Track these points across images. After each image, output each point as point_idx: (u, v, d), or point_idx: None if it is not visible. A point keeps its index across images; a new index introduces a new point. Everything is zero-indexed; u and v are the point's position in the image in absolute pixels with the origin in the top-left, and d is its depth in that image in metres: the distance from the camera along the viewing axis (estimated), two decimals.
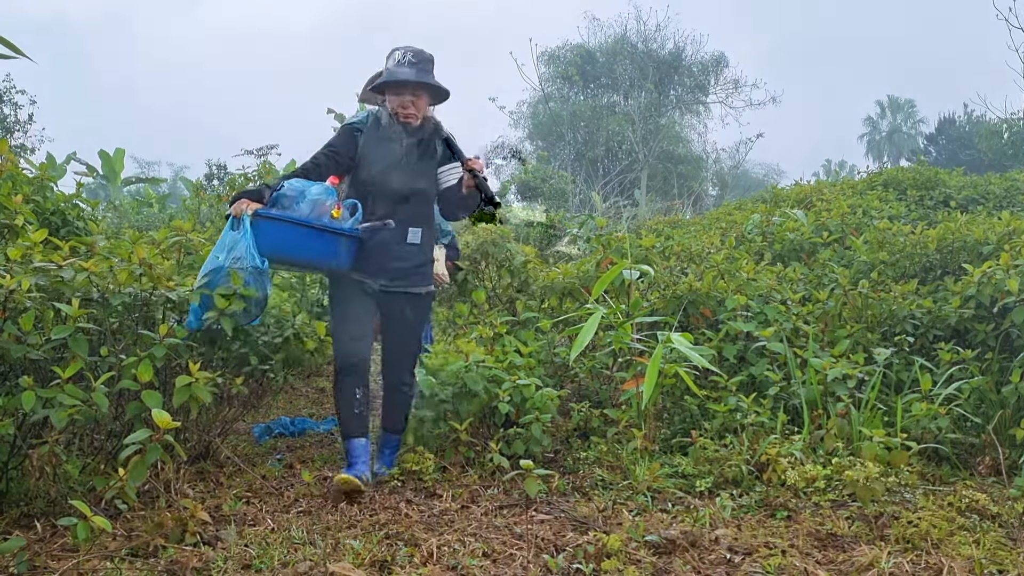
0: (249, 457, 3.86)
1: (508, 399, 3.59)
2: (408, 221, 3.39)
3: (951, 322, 4.36)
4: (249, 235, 3.07)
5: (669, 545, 2.61)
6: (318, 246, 3.17)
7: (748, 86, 29.08)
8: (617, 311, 4.24)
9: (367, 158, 3.42)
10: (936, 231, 5.46)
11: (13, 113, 18.48)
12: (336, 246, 3.20)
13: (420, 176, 3.45)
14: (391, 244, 3.35)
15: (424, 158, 3.46)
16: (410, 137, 3.43)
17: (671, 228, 10.06)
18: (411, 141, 3.43)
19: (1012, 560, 2.52)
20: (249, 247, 3.05)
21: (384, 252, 3.35)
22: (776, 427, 3.65)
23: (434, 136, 3.48)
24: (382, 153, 3.41)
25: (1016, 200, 8.79)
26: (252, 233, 3.08)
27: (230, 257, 3.04)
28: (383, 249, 3.35)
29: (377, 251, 3.34)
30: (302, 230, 3.13)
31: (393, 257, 3.37)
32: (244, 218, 3.10)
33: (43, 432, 2.87)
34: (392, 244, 3.36)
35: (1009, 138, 22.98)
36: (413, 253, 3.41)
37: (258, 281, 3.07)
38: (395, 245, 3.36)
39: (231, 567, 2.42)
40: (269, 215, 3.14)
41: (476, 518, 2.96)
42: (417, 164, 3.44)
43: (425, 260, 3.48)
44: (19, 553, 2.35)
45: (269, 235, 3.11)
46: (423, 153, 3.47)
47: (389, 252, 3.36)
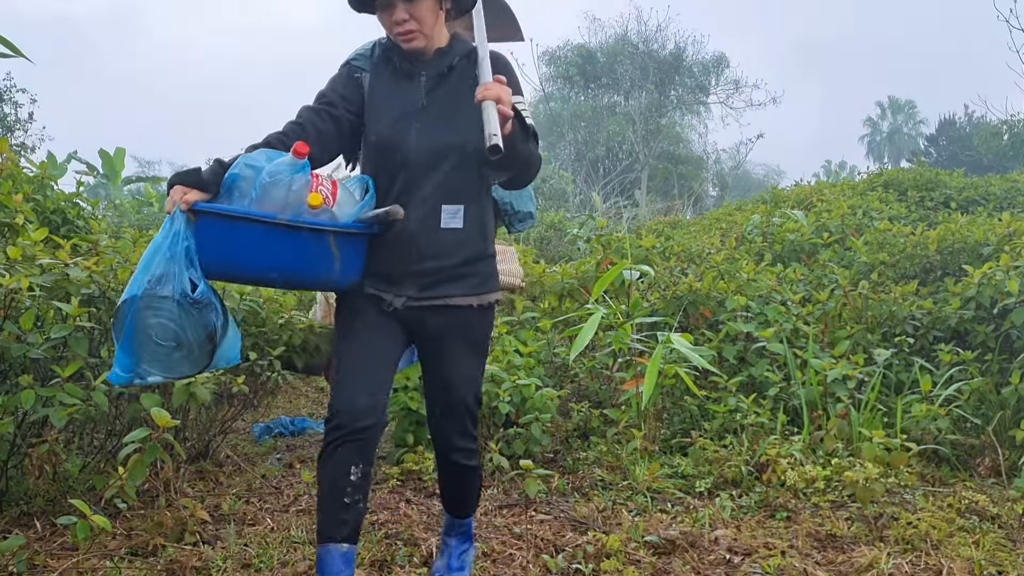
0: (249, 456, 3.86)
1: (508, 399, 3.59)
2: (441, 196, 2.14)
3: (951, 323, 4.36)
4: (180, 243, 1.92)
5: (668, 545, 2.61)
6: (294, 254, 2.02)
7: (749, 87, 29.09)
8: (617, 311, 4.24)
9: (375, 109, 2.23)
10: (936, 232, 5.47)
11: (13, 112, 18.48)
12: (323, 251, 2.04)
13: (452, 125, 2.17)
14: (418, 234, 2.13)
15: (455, 98, 2.20)
16: (429, 69, 2.21)
17: (671, 228, 10.07)
18: (432, 75, 2.20)
19: (1012, 561, 2.52)
20: (179, 262, 1.91)
21: (407, 248, 2.14)
22: (776, 428, 3.65)
23: (468, 63, 2.22)
24: (392, 100, 2.22)
25: (1016, 201, 8.79)
26: (191, 239, 1.94)
27: (147, 280, 1.90)
28: (406, 244, 2.14)
29: (396, 248, 2.14)
30: (264, 231, 1.97)
31: (422, 254, 2.14)
32: (177, 216, 1.91)
33: (43, 431, 2.87)
34: (419, 234, 2.13)
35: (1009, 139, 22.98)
36: (455, 244, 2.15)
37: (193, 319, 1.92)
38: (424, 235, 2.13)
39: (230, 566, 2.42)
40: (214, 210, 1.95)
41: (476, 518, 2.95)
42: (445, 108, 2.20)
43: (478, 253, 2.19)
44: (18, 552, 2.35)
45: (215, 242, 1.96)
46: (453, 91, 2.21)
47: (415, 247, 2.14)
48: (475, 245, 2.17)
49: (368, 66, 2.25)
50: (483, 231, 2.19)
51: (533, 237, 11.12)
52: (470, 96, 1.98)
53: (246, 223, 1.96)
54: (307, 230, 1.98)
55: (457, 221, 2.14)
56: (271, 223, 1.96)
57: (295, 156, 1.95)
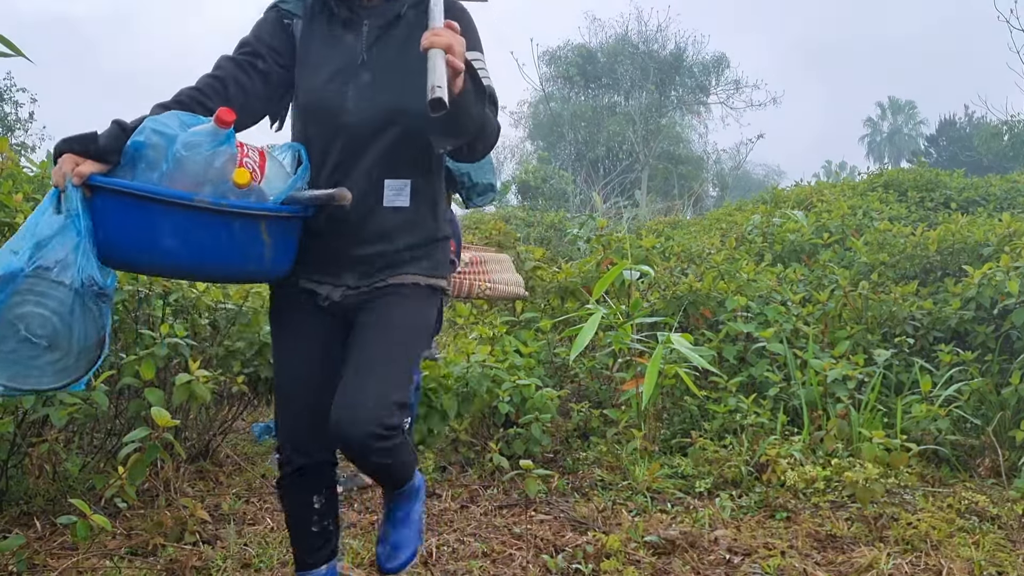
0: (249, 456, 3.85)
1: (508, 399, 3.59)
2: (384, 169, 1.78)
3: (951, 324, 4.36)
4: (81, 223, 1.53)
5: (668, 545, 2.61)
6: (215, 242, 1.64)
7: (749, 87, 29.11)
8: (617, 311, 4.24)
9: (307, 63, 1.83)
10: (936, 233, 5.46)
11: (14, 111, 18.50)
12: (251, 238, 1.67)
13: (398, 85, 1.78)
14: (357, 214, 1.77)
15: (402, 53, 1.80)
16: (373, 18, 1.82)
17: (671, 229, 10.06)
18: (375, 25, 1.81)
19: (1011, 562, 2.52)
20: (82, 247, 1.53)
21: (345, 231, 1.79)
22: (776, 428, 3.65)
23: (419, 13, 1.80)
24: (328, 53, 1.82)
25: (1016, 202, 8.79)
26: (87, 218, 1.54)
27: (38, 259, 1.50)
28: (344, 226, 1.79)
29: (333, 231, 1.79)
30: (178, 215, 1.58)
31: (362, 237, 1.80)
32: (69, 193, 1.53)
33: (43, 430, 2.87)
34: (359, 214, 1.77)
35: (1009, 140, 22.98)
36: (401, 225, 1.81)
37: (90, 316, 1.55)
38: (364, 215, 1.78)
39: (230, 566, 2.42)
40: (114, 186, 1.55)
41: (476, 518, 2.96)
42: (390, 64, 1.80)
43: (428, 235, 1.86)
44: (19, 551, 2.35)
45: (114, 224, 1.57)
46: (401, 44, 1.81)
47: (354, 229, 1.79)
48: (425, 227, 1.83)
49: (300, 10, 1.85)
50: (434, 210, 1.85)
51: (534, 237, 11.12)
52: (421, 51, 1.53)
53: (156, 204, 1.55)
54: (233, 215, 1.60)
55: (403, 199, 1.79)
56: (187, 205, 1.55)
57: (218, 125, 1.56)
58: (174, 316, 3.29)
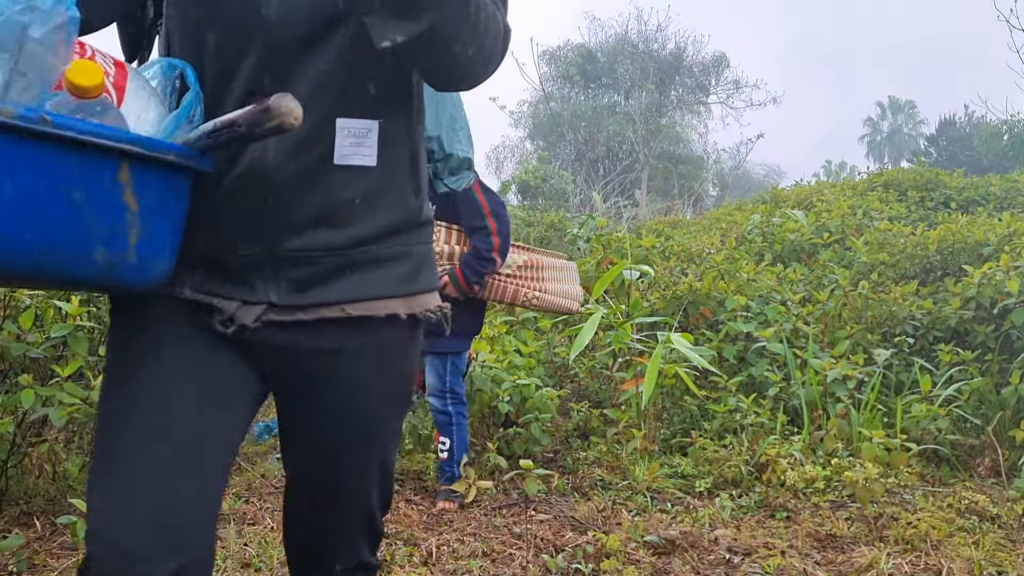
0: (248, 456, 3.86)
1: (508, 399, 3.59)
2: (332, 102, 1.04)
3: (951, 323, 4.36)
4: None
5: (668, 545, 2.61)
6: (30, 199, 0.81)
7: (749, 86, 29.11)
8: (617, 311, 4.24)
9: None
10: (936, 232, 5.46)
11: None
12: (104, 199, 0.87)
13: None
14: (286, 177, 1.03)
15: None
16: None
17: (671, 228, 10.06)
18: None
19: (1011, 561, 2.52)
20: None
21: (266, 203, 1.03)
22: (776, 428, 3.65)
23: None
24: None
25: (1016, 202, 8.79)
26: None
27: None
28: (263, 196, 1.03)
29: (244, 205, 1.04)
30: None
31: (295, 220, 1.04)
32: None
33: (43, 430, 2.87)
34: (289, 176, 1.03)
35: (1009, 140, 22.97)
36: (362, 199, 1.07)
37: None
38: (300, 178, 1.04)
39: (230, 566, 2.42)
40: None
41: (475, 518, 2.96)
42: None
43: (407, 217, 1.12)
44: (18, 551, 2.35)
45: None
46: None
47: (283, 202, 1.04)
48: (401, 202, 1.10)
49: None
50: (415, 176, 1.13)
51: (534, 237, 11.12)
52: None
53: None
54: (69, 144, 0.83)
55: (366, 152, 1.05)
56: None
57: None
58: None
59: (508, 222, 3.09)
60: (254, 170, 1.02)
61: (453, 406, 3.17)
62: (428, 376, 3.20)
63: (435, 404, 3.19)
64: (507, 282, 3.22)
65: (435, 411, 3.20)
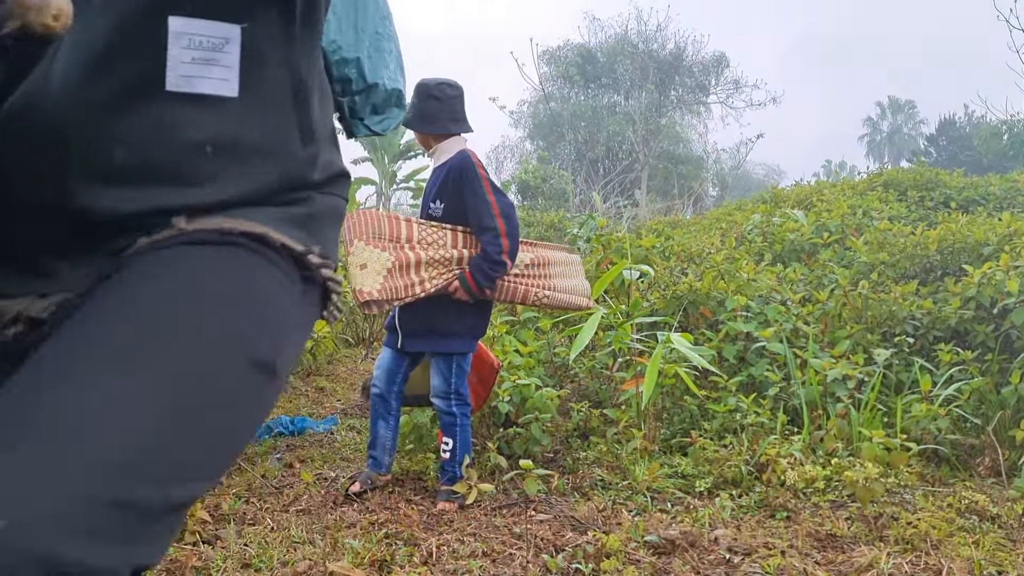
0: (248, 456, 3.85)
1: (508, 399, 3.59)
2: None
3: (951, 323, 4.36)
4: None
5: (668, 545, 2.61)
6: None
7: (749, 86, 29.13)
8: (617, 311, 4.24)
9: None
10: (936, 232, 5.46)
11: None
12: None
13: None
14: (88, 110, 0.68)
15: None
16: None
17: (671, 228, 10.06)
18: None
19: (1011, 561, 2.51)
20: None
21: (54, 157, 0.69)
22: (776, 427, 3.65)
23: None
24: None
25: (1016, 201, 8.79)
26: None
27: None
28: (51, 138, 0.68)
29: (28, 151, 0.68)
30: None
31: (102, 170, 0.70)
32: None
33: None
34: (89, 111, 0.68)
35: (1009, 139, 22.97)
36: (212, 144, 0.73)
37: None
38: (104, 118, 0.68)
39: (230, 566, 2.42)
40: None
41: (475, 518, 2.96)
42: None
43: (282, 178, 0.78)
44: None
45: None
46: None
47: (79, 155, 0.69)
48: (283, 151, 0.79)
49: None
50: (303, 108, 0.80)
51: (534, 237, 11.12)
52: None
53: None
54: None
55: (221, 74, 0.72)
56: None
57: None
58: None
59: (518, 223, 3.09)
60: (31, 105, 0.66)
61: (458, 407, 3.16)
62: (433, 378, 3.19)
63: (440, 405, 3.18)
64: (516, 282, 3.20)
65: (440, 412, 3.20)
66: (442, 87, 3.17)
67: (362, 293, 2.84)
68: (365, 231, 2.93)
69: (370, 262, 2.88)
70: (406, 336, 3.17)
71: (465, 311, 3.12)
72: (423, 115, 3.16)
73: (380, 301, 2.86)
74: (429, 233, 3.02)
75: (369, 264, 2.88)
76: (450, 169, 3.11)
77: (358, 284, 2.85)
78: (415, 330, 3.14)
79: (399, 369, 3.26)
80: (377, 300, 2.85)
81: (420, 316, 3.09)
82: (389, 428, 3.27)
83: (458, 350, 3.13)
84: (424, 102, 3.16)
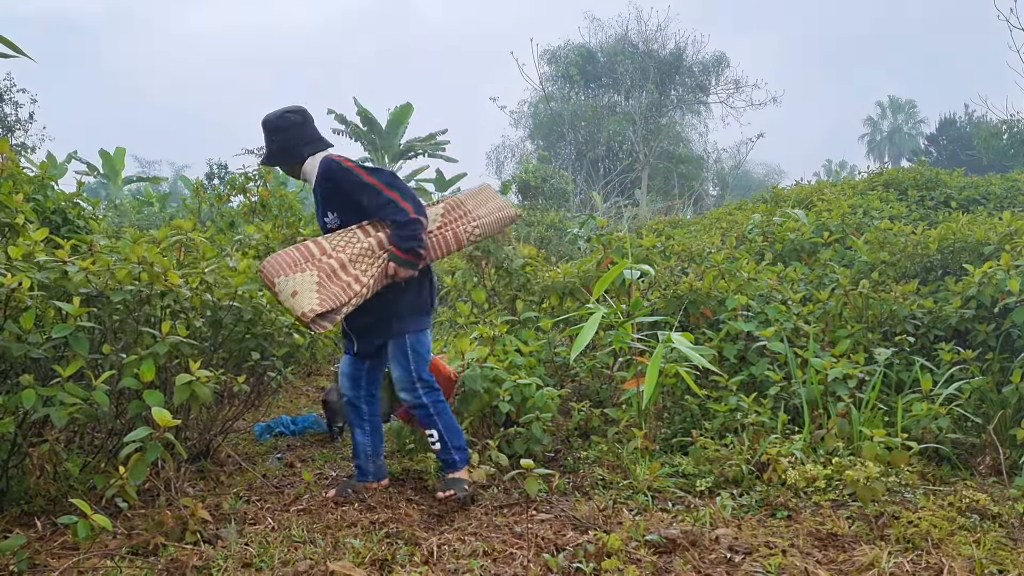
0: (249, 456, 3.85)
1: (509, 398, 3.59)
2: None
3: (952, 322, 4.36)
4: None
5: (669, 544, 2.60)
6: None
7: (749, 86, 29.10)
8: (618, 311, 4.24)
9: None
10: (937, 231, 5.46)
11: (14, 112, 18.48)
12: None
13: None
14: None
15: None
16: None
17: (672, 228, 10.06)
18: None
19: (1012, 560, 2.51)
20: None
21: None
22: (776, 427, 3.65)
23: None
24: None
25: (1017, 200, 8.79)
26: None
27: None
28: None
29: None
30: None
31: None
32: None
33: (43, 430, 2.87)
34: None
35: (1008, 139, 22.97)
36: None
37: None
38: None
39: (231, 565, 2.42)
40: None
41: (476, 517, 2.95)
42: None
43: None
44: (19, 551, 2.35)
45: None
46: None
47: None
48: None
49: None
50: None
51: (534, 237, 11.12)
52: None
53: None
54: None
55: None
56: None
57: None
58: (172, 317, 3.29)
59: (407, 186, 3.13)
60: None
61: (426, 395, 3.11)
62: (393, 370, 3.15)
63: (408, 399, 3.12)
64: (442, 233, 3.25)
65: (411, 407, 3.14)
66: (285, 117, 3.19)
67: (305, 315, 2.86)
68: (279, 268, 2.96)
69: (298, 286, 2.92)
70: (359, 337, 3.19)
71: (402, 291, 3.12)
72: (280, 150, 3.19)
73: (327, 313, 2.89)
74: (339, 239, 3.04)
75: (299, 288, 2.92)
76: (323, 181, 3.14)
77: (298, 309, 2.89)
78: (364, 327, 3.16)
79: (361, 372, 3.25)
80: (323, 312, 2.87)
81: (364, 312, 3.09)
82: (366, 434, 3.24)
83: (407, 330, 3.11)
84: (275, 136, 3.18)
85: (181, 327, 3.02)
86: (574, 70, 28.97)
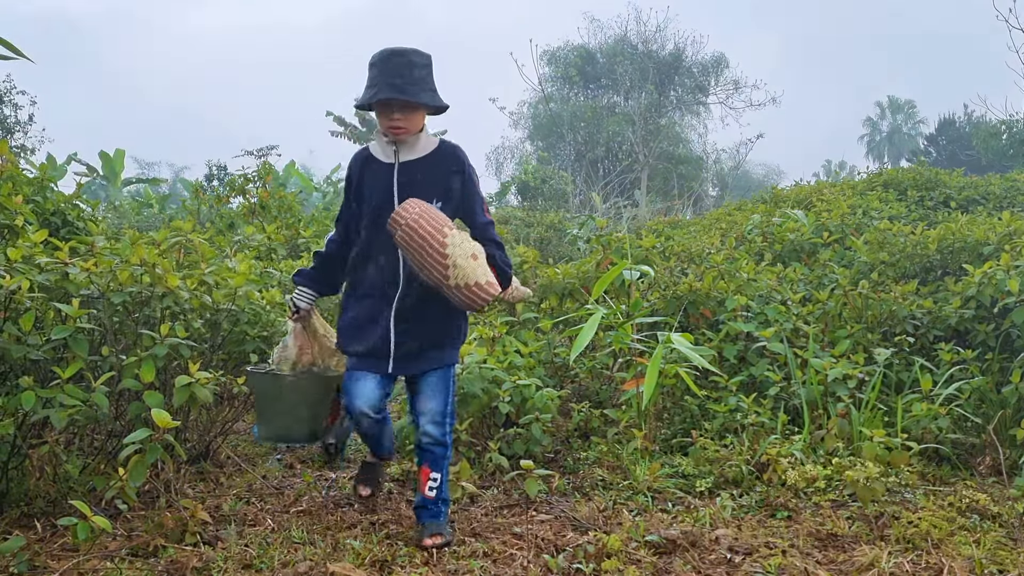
0: (249, 457, 3.85)
1: (508, 399, 3.59)
2: None
3: (951, 322, 4.36)
4: None
5: (669, 545, 2.60)
6: None
7: (748, 87, 29.11)
8: (617, 311, 4.24)
9: None
10: (936, 231, 5.46)
11: (13, 113, 18.49)
12: None
13: None
14: None
15: None
16: None
17: (671, 228, 10.06)
18: None
19: (1012, 560, 2.51)
20: None
21: None
22: (776, 427, 3.65)
23: None
24: None
25: (1016, 201, 8.78)
26: None
27: None
28: None
29: None
30: None
31: None
32: None
33: (43, 432, 2.87)
34: None
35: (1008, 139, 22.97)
36: None
37: None
38: None
39: (231, 567, 2.42)
40: None
41: (476, 518, 2.95)
42: None
43: None
44: (19, 553, 2.35)
45: None
46: None
47: None
48: None
49: None
50: None
51: (534, 237, 11.12)
52: None
53: None
54: None
55: None
56: None
57: None
58: (172, 319, 3.29)
59: None
60: None
61: (450, 435, 2.76)
62: (429, 401, 2.71)
63: (434, 433, 2.69)
64: None
65: (432, 444, 2.70)
66: (419, 52, 2.62)
67: (492, 285, 2.45)
68: (440, 218, 2.45)
69: (476, 250, 2.46)
70: (399, 359, 2.66)
71: (457, 315, 2.72)
72: (432, 90, 2.62)
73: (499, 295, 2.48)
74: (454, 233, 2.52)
75: (477, 252, 2.46)
76: (454, 161, 2.68)
77: (481, 277, 2.40)
78: (412, 351, 2.67)
79: (388, 393, 2.75)
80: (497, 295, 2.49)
81: (420, 332, 2.67)
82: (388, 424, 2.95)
83: (456, 360, 2.78)
84: (423, 72, 2.60)
85: (180, 328, 3.01)
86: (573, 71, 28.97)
